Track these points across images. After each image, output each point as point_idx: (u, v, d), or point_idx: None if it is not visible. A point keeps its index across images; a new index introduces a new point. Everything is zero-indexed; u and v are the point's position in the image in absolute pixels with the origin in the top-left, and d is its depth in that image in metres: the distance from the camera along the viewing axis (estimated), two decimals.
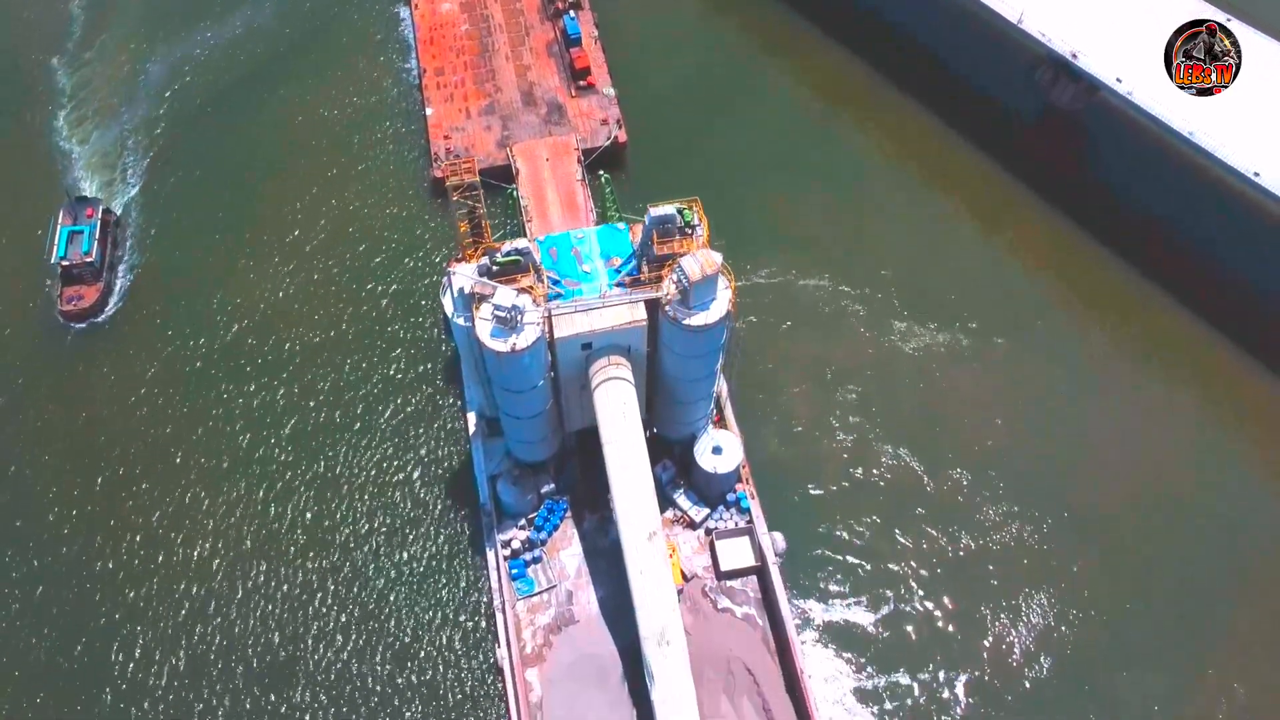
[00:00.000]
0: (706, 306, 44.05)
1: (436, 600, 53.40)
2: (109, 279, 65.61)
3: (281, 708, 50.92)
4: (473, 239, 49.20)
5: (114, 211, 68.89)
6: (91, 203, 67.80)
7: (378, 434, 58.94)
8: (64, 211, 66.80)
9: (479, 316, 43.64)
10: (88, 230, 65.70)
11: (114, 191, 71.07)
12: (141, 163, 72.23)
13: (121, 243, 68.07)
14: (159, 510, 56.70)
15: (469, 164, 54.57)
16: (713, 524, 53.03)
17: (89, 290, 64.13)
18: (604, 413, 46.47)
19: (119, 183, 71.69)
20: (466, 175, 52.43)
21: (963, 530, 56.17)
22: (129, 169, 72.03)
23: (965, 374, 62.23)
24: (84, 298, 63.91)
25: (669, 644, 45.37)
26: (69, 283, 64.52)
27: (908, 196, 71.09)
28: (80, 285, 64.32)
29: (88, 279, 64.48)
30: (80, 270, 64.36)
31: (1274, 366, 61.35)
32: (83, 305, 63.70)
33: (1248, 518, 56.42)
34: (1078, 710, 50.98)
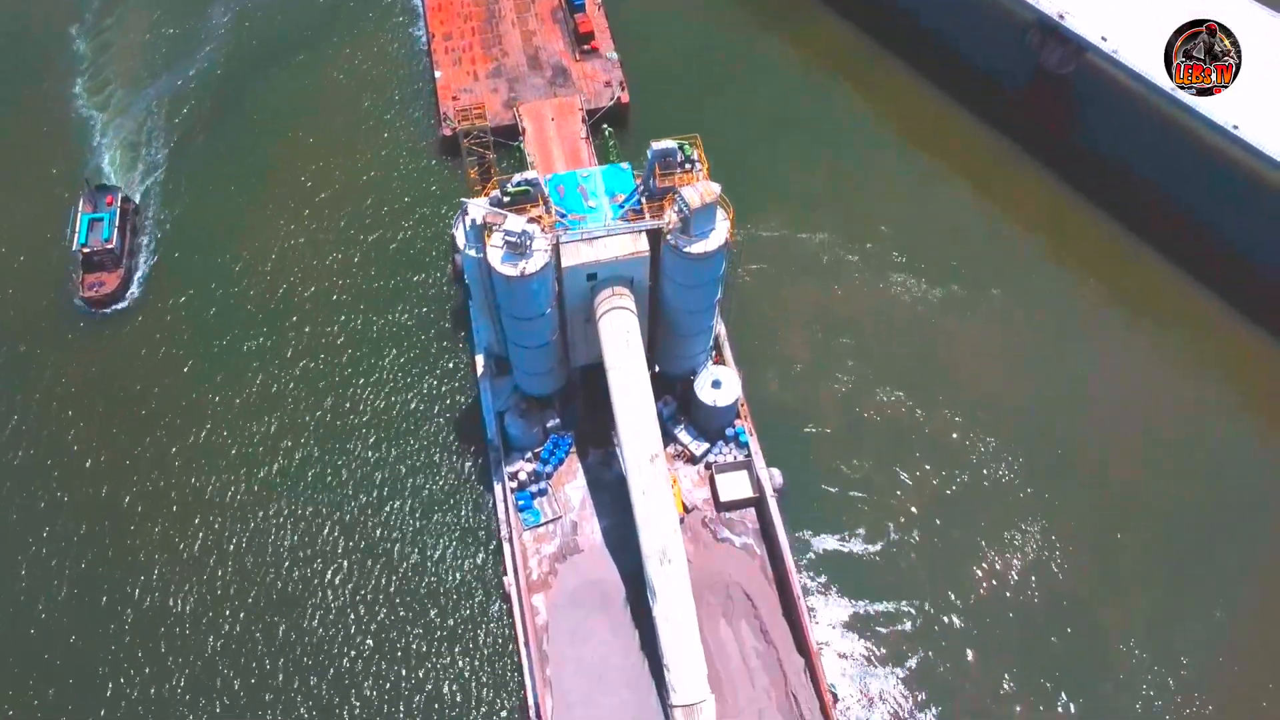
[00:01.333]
0: (706, 235, 46.53)
1: (444, 531, 55.79)
2: (129, 265, 67.10)
3: (292, 634, 53.02)
4: (482, 186, 51.90)
5: (133, 199, 70.35)
6: (111, 190, 69.56)
7: (389, 378, 61.25)
8: (84, 199, 68.57)
9: (490, 244, 46.10)
10: (108, 217, 67.31)
11: (132, 178, 72.43)
12: (159, 149, 73.79)
13: (141, 230, 69.49)
14: (177, 445, 59.09)
15: (479, 108, 57.55)
16: (712, 458, 55.42)
17: (110, 277, 65.75)
18: (608, 341, 48.84)
19: (137, 169, 73.12)
20: (477, 120, 55.57)
21: (957, 468, 58.72)
22: (147, 155, 73.65)
23: (960, 322, 64.87)
24: (105, 284, 65.51)
25: (670, 562, 47.76)
26: (90, 270, 66.12)
27: (904, 158, 73.86)
28: (101, 272, 65.94)
29: (109, 266, 66.08)
30: (101, 257, 65.98)
31: (1251, 314, 64.11)
32: (104, 291, 65.31)
33: (1228, 455, 59.10)
34: (1066, 633, 53.10)
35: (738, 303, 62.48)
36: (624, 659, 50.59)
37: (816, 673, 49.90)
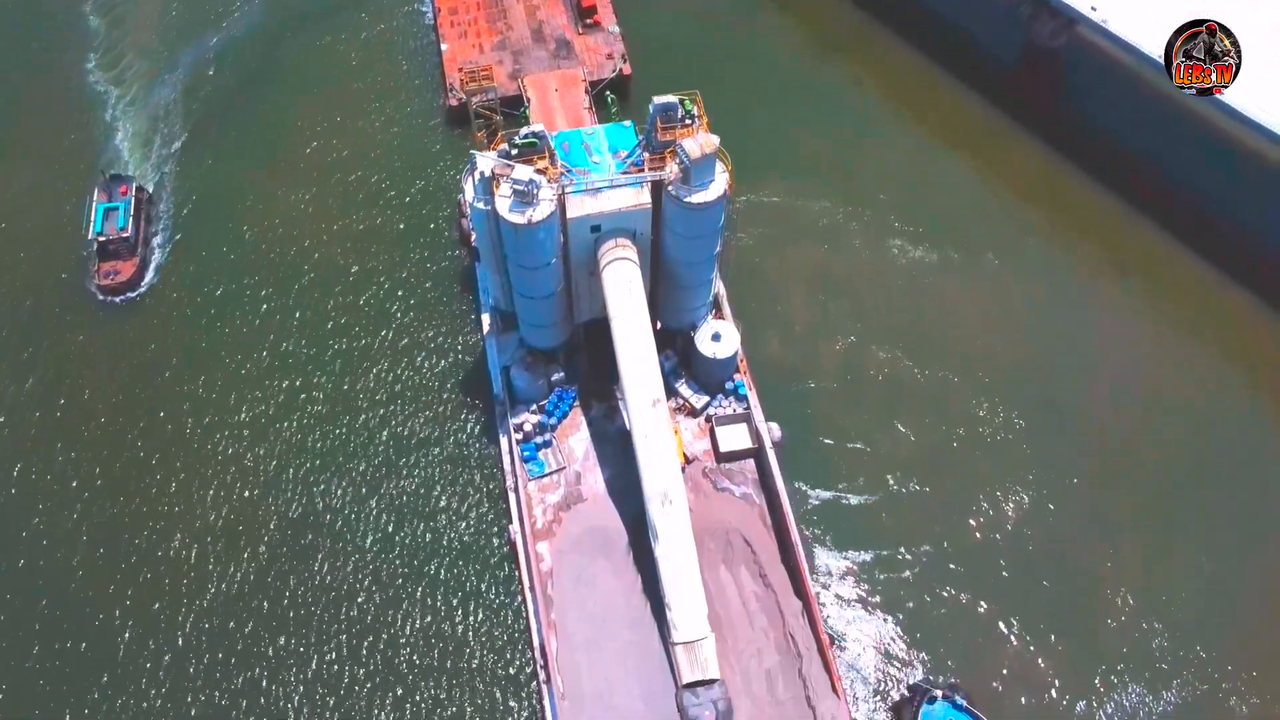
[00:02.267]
0: (705, 186, 48.64)
1: (449, 482, 57.88)
2: (144, 254, 68.47)
3: (304, 573, 55.22)
4: (489, 147, 53.92)
5: (147, 189, 71.93)
6: (125, 180, 70.78)
7: (398, 339, 63.51)
8: (99, 189, 69.88)
9: (498, 195, 48.25)
10: (122, 206, 68.69)
11: (146, 168, 74.12)
12: (172, 138, 75.24)
13: (155, 219, 70.98)
14: (190, 401, 61.46)
15: (486, 70, 59.71)
16: (712, 411, 57.40)
17: (125, 265, 67.01)
18: (611, 290, 50.92)
19: (151, 158, 74.67)
20: (484, 81, 57.68)
21: (954, 423, 60.78)
22: (160, 144, 75.07)
23: (956, 285, 67.01)
24: (120, 272, 66.73)
25: (671, 504, 49.74)
26: (105, 258, 67.40)
27: (901, 130, 76.16)
28: (116, 260, 67.18)
29: (124, 254, 67.35)
30: (116, 245, 67.23)
31: (1239, 277, 65.97)
32: (120, 279, 66.61)
33: (1217, 411, 61.00)
34: (1059, 581, 55.05)
35: (739, 266, 64.65)
36: (626, 601, 52.58)
37: (813, 615, 51.73)
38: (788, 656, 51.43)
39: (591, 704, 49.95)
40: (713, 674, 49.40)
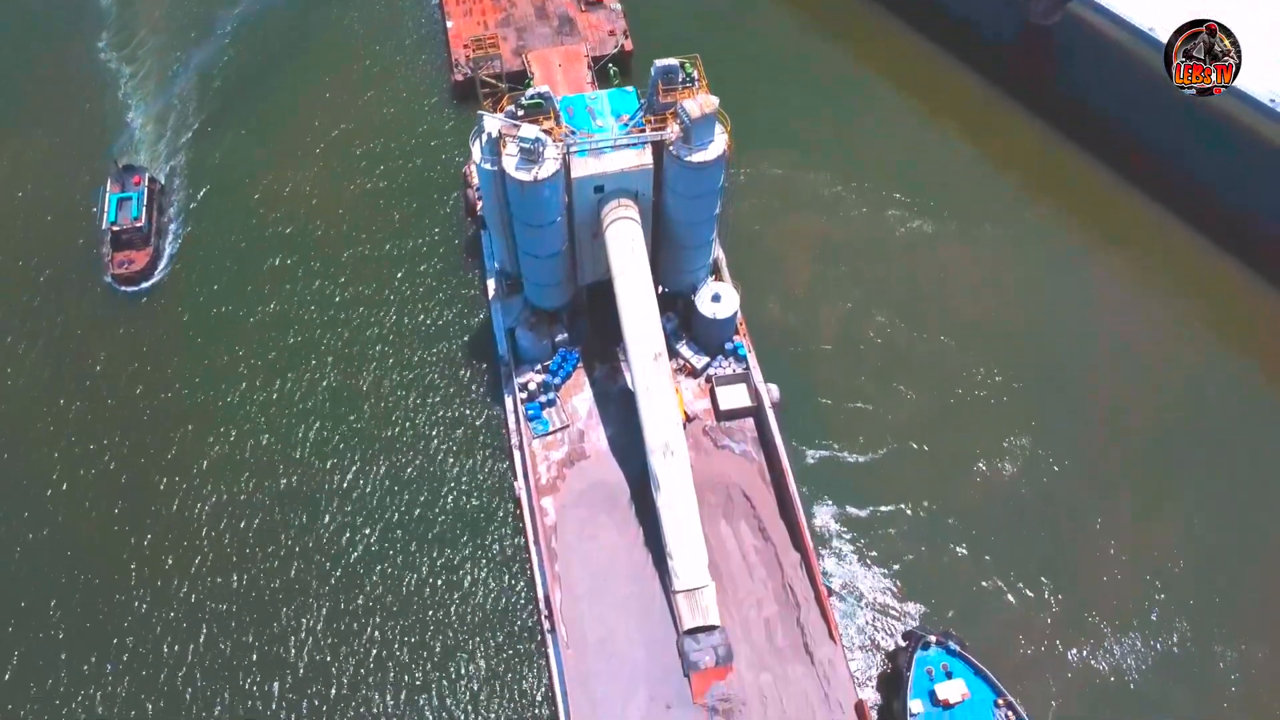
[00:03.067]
0: (705, 146, 50.71)
1: (453, 442, 59.91)
2: (157, 244, 69.95)
3: (308, 535, 57.26)
4: (496, 110, 55.75)
5: (159, 180, 73.42)
6: (138, 170, 72.42)
7: (406, 308, 65.63)
8: (111, 179, 71.40)
9: (505, 154, 50.22)
10: (136, 197, 70.28)
11: (158, 158, 75.56)
12: (183, 129, 76.63)
13: (167, 209, 72.47)
14: (205, 382, 63.46)
15: (492, 39, 61.66)
16: (712, 371, 59.34)
17: (139, 255, 68.52)
18: (614, 248, 52.98)
19: (162, 149, 76.16)
20: (490, 50, 59.61)
21: (950, 385, 62.97)
22: (171, 135, 76.54)
23: (954, 253, 69.30)
24: (134, 261, 68.30)
25: (673, 455, 51.72)
26: (119, 248, 68.86)
27: (900, 106, 78.41)
28: (130, 250, 68.69)
29: (137, 244, 68.85)
30: (130, 235, 68.75)
31: (1225, 246, 68.13)
32: (134, 269, 68.15)
33: (1205, 373, 63.35)
34: (1053, 535, 57.09)
35: (739, 234, 66.23)
36: (629, 554, 54.40)
37: (811, 567, 53.56)
38: (786, 606, 53.26)
39: (594, 652, 51.75)
40: (713, 620, 51.42)
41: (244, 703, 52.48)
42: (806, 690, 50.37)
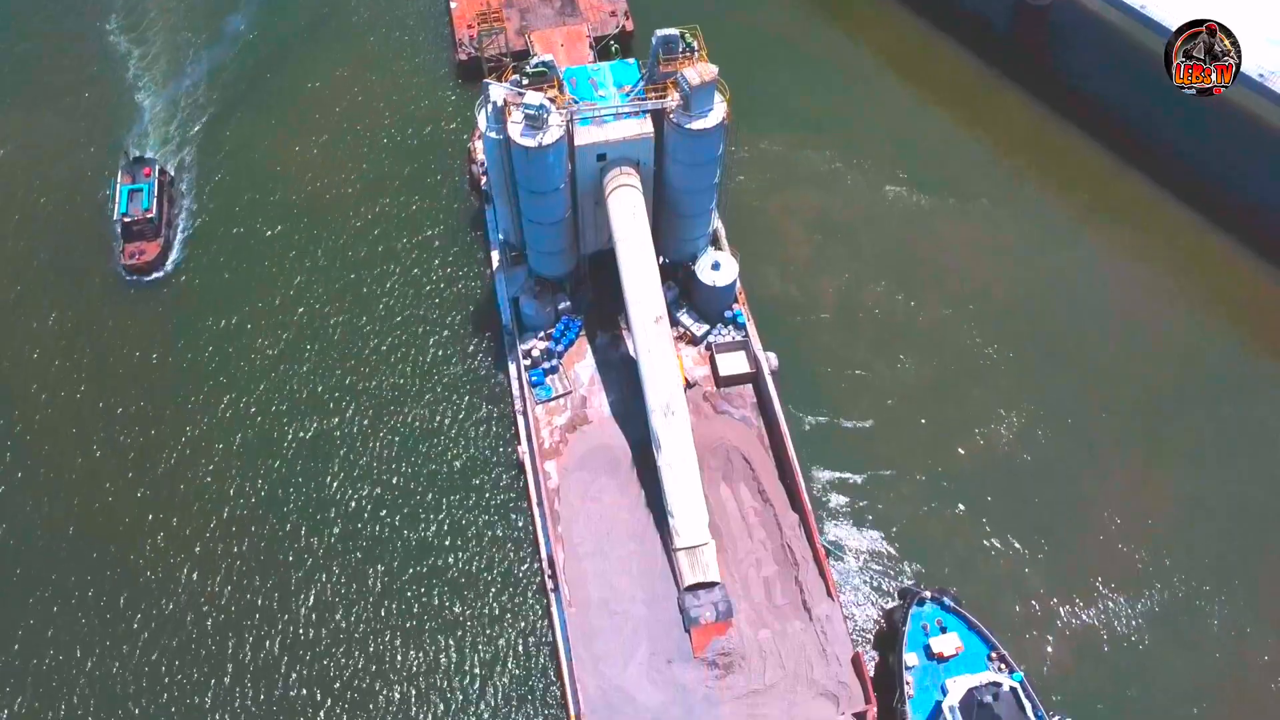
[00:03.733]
0: (705, 114, 52.74)
1: (460, 409, 61.80)
2: (168, 235, 71.51)
3: (317, 492, 59.18)
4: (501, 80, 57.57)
5: (169, 171, 75.03)
6: (148, 162, 74.03)
7: (414, 282, 67.68)
8: (122, 171, 73.04)
9: (510, 122, 52.15)
10: (146, 188, 71.87)
11: (167, 151, 76.86)
12: (192, 122, 78.16)
13: (177, 200, 74.02)
14: (218, 366, 65.64)
15: (497, 13, 63.46)
16: (712, 339, 61.15)
17: (150, 246, 70.10)
18: (616, 214, 54.96)
19: (171, 141, 77.48)
20: (496, 23, 61.38)
21: (948, 354, 64.96)
22: (180, 128, 77.96)
23: (950, 227, 71.38)
24: (145, 252, 69.83)
25: (673, 414, 53.60)
26: (130, 239, 70.38)
27: (899, 87, 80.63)
28: (141, 241, 70.25)
29: (148, 235, 70.38)
30: (141, 226, 70.23)
31: (1217, 222, 69.80)
32: (145, 259, 69.62)
33: (1196, 342, 65.38)
34: (1048, 499, 58.77)
35: (740, 208, 68.46)
36: (630, 515, 56.16)
37: (810, 527, 55.20)
38: (785, 566, 54.90)
39: (597, 610, 53.38)
40: (713, 577, 53.17)
41: (250, 653, 54.19)
42: (805, 645, 52.04)
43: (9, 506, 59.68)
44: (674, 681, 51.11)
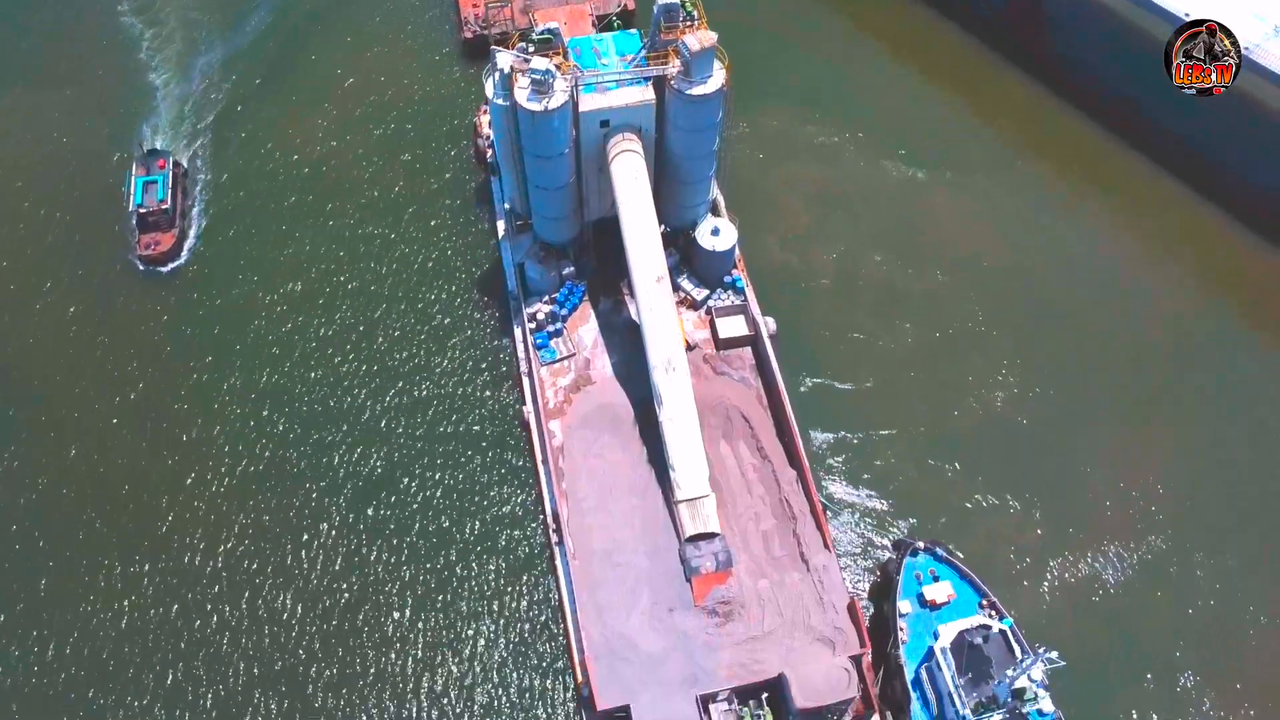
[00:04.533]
0: (705, 80, 55.41)
1: (464, 371, 64.55)
2: (182, 226, 73.66)
3: (326, 453, 61.96)
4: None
5: (182, 164, 77.20)
6: (162, 154, 76.35)
7: (422, 251, 70.44)
8: (137, 163, 75.21)
9: (517, 87, 54.79)
10: (161, 180, 74.02)
11: (180, 143, 78.88)
12: (205, 114, 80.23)
13: (191, 192, 76.26)
14: (237, 351, 68.31)
15: None
16: (712, 303, 63.76)
17: (165, 236, 72.27)
18: (619, 178, 57.69)
19: (183, 134, 79.52)
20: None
21: (944, 321, 67.64)
22: (193, 120, 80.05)
23: (947, 200, 74.10)
24: (161, 243, 72.02)
25: (674, 370, 56.23)
26: (145, 230, 72.56)
27: (897, 67, 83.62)
28: (157, 232, 72.40)
29: (163, 226, 72.59)
30: (156, 217, 72.40)
31: (1207, 195, 72.44)
32: (160, 250, 71.82)
33: (1186, 310, 68.22)
34: (1042, 459, 61.42)
35: (741, 180, 70.92)
36: (632, 470, 58.68)
37: (807, 483, 57.63)
38: (783, 520, 57.30)
39: (600, 561, 55.84)
40: (713, 528, 55.63)
41: (262, 608, 56.93)
42: (802, 594, 54.42)
43: (39, 472, 61.90)
44: (675, 629, 53.65)
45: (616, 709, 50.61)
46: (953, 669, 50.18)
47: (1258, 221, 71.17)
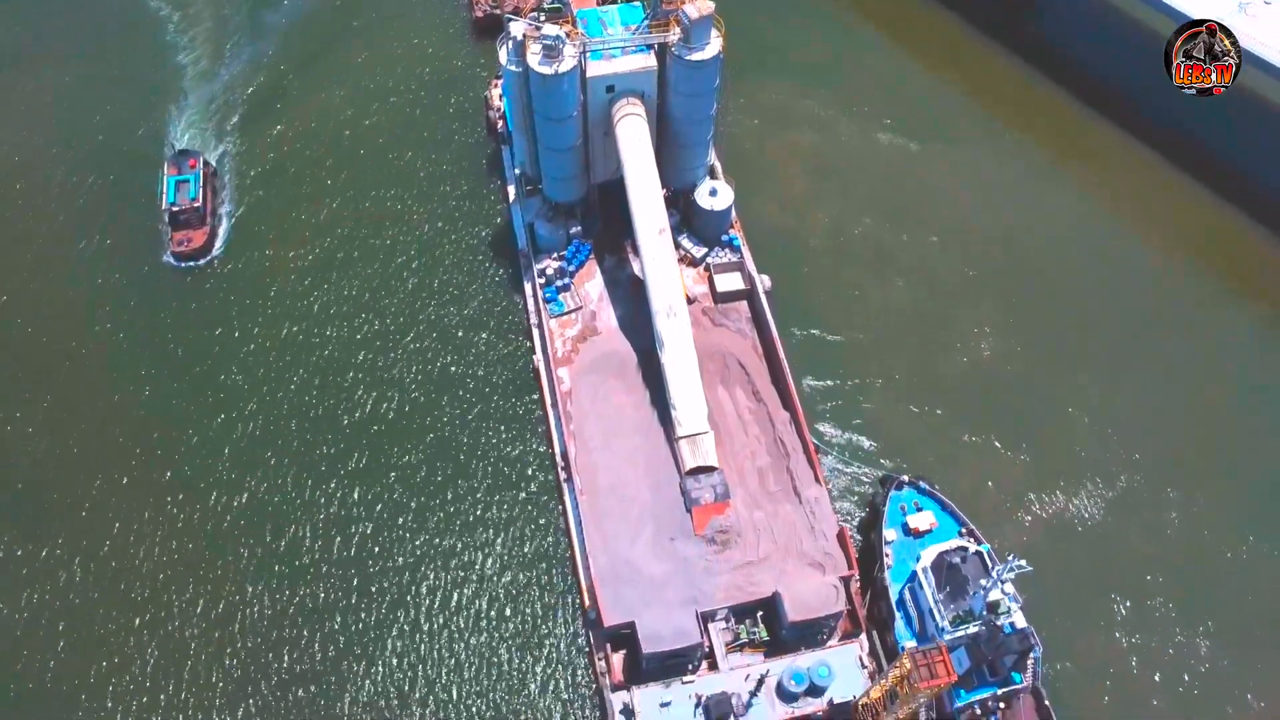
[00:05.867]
0: (703, 47, 61.42)
1: (476, 324, 70.34)
2: (213, 224, 78.70)
3: (344, 400, 67.63)
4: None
5: (211, 163, 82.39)
6: (193, 154, 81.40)
7: (438, 220, 76.31)
8: (168, 163, 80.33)
9: (530, 53, 60.62)
10: (192, 179, 79.05)
11: (208, 144, 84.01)
12: (231, 116, 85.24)
13: (220, 191, 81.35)
14: (256, 311, 74.33)
15: None
16: (711, 260, 69.55)
17: (197, 234, 77.17)
18: (624, 140, 63.79)
19: (210, 135, 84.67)
20: None
21: (933, 280, 73.80)
22: (220, 122, 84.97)
23: (936, 168, 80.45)
24: (193, 240, 76.88)
25: (675, 315, 61.95)
26: (177, 227, 77.49)
27: (889, 47, 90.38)
28: (188, 229, 77.29)
29: (195, 223, 77.47)
30: (188, 215, 77.28)
31: (1182, 166, 78.39)
32: (192, 246, 76.68)
33: (1162, 270, 74.92)
34: (1025, 403, 67.23)
35: (739, 149, 77.19)
36: (636, 412, 64.36)
37: (800, 423, 63.37)
38: (777, 457, 62.91)
39: (606, 495, 61.48)
40: (712, 462, 61.23)
41: (282, 539, 62.40)
42: (795, 523, 59.94)
43: (93, 414, 67.64)
44: (677, 555, 59.34)
45: (622, 625, 56.18)
46: (933, 585, 55.65)
47: (1223, 185, 76.97)
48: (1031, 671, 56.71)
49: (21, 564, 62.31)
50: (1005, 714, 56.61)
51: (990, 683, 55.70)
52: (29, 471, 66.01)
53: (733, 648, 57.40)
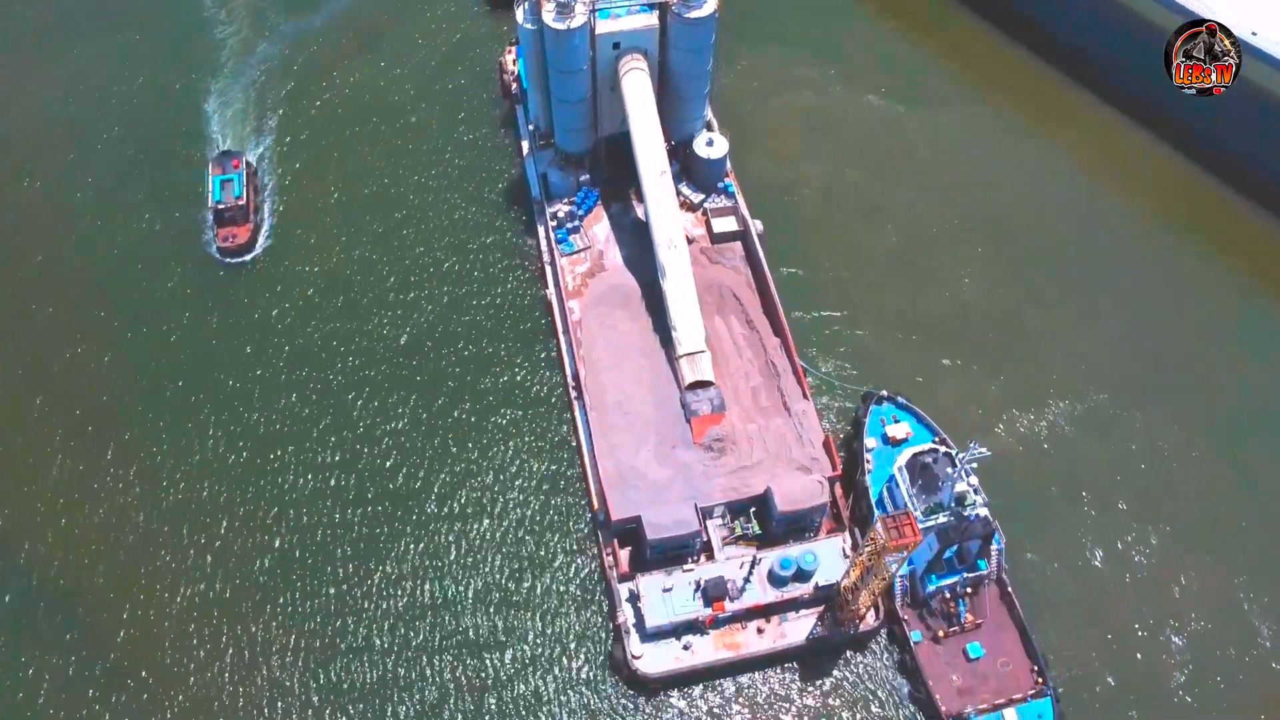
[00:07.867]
0: (700, 6, 70.69)
1: (494, 264, 79.69)
2: (256, 220, 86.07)
3: (367, 337, 76.55)
4: None
5: (252, 163, 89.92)
6: (236, 154, 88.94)
7: (457, 172, 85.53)
8: (213, 164, 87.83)
9: (545, 10, 69.64)
10: (236, 178, 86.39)
11: (247, 144, 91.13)
12: (269, 116, 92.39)
13: (261, 189, 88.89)
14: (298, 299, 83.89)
15: None
16: (708, 205, 78.74)
17: (241, 230, 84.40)
18: (629, 92, 73.53)
19: (251, 137, 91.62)
20: None
21: (916, 229, 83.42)
22: (259, 124, 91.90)
23: (921, 128, 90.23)
24: (238, 236, 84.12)
25: (675, 247, 70.47)
26: (222, 224, 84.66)
27: (881, 17, 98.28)
28: (233, 226, 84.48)
29: (239, 220, 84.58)
30: (233, 212, 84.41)
31: (1140, 122, 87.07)
32: (238, 242, 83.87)
33: (1130, 220, 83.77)
34: (1001, 334, 76.23)
35: (736, 108, 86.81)
36: (640, 337, 73.54)
37: (789, 347, 72.42)
38: (769, 377, 71.97)
39: (613, 411, 70.46)
40: (709, 377, 69.84)
41: (312, 457, 71.09)
42: (785, 433, 68.70)
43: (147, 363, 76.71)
44: (678, 462, 68.29)
45: (628, 520, 64.05)
46: (907, 481, 64.31)
47: (1185, 143, 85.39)
48: (996, 561, 65.80)
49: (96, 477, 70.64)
50: (972, 600, 65.36)
51: (958, 569, 64.44)
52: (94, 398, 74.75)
53: (729, 541, 66.38)
